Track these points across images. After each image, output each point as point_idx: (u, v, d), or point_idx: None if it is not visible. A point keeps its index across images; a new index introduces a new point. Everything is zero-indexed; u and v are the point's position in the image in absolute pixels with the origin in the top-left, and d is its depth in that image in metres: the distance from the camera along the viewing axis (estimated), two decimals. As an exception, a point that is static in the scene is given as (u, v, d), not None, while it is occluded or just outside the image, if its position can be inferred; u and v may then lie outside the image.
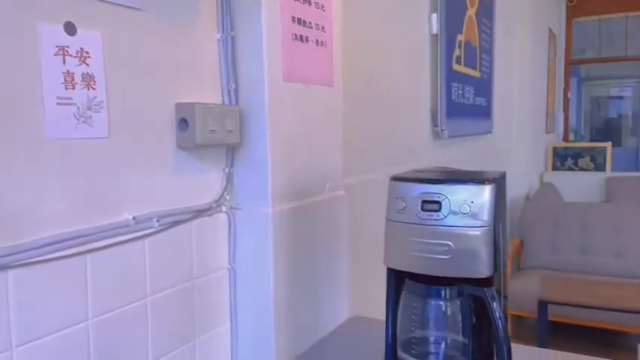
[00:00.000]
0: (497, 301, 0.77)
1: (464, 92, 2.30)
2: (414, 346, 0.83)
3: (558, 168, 5.75)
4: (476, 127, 2.57)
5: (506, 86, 3.56)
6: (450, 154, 2.30)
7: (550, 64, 5.78)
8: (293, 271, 0.94)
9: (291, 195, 0.93)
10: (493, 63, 2.85)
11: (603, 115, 12.17)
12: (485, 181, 0.79)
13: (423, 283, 0.82)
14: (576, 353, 0.97)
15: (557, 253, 3.35)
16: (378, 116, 1.62)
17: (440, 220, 0.78)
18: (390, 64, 1.67)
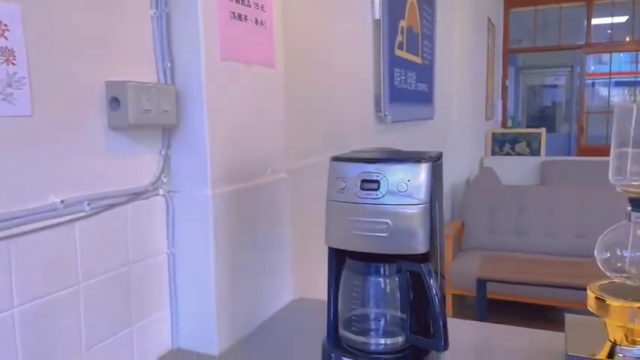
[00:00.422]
0: (433, 276, 0.79)
1: (406, 78, 2.34)
2: (355, 323, 0.85)
3: (497, 153, 5.99)
4: (418, 113, 2.62)
5: (447, 73, 3.65)
6: (394, 138, 2.34)
7: (489, 53, 5.99)
8: (234, 254, 0.93)
9: (231, 177, 0.92)
10: (434, 50, 2.91)
11: (539, 102, 12.75)
12: (421, 160, 0.80)
13: (363, 261, 0.83)
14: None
15: (496, 234, 3.51)
16: (322, 100, 1.62)
17: (378, 198, 0.79)
18: (333, 48, 1.67)
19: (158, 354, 0.87)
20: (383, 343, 0.83)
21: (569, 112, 9.76)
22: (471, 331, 1.05)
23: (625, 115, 0.75)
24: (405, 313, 0.82)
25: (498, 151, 5.97)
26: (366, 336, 0.84)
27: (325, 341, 0.86)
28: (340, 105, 1.74)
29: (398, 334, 0.82)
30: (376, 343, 0.83)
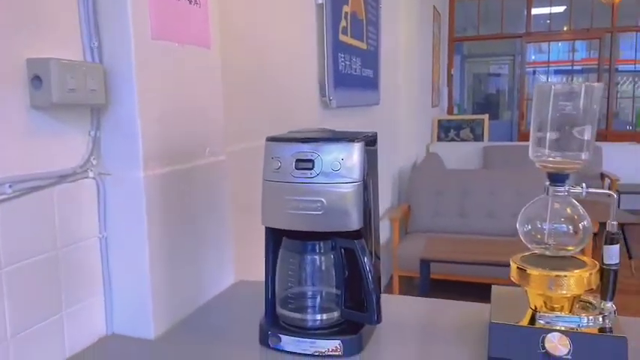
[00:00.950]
0: (366, 252, 0.81)
1: (351, 63, 2.36)
2: (292, 300, 0.86)
3: (443, 139, 6.16)
4: (364, 99, 2.65)
5: (393, 60, 3.70)
6: (340, 124, 2.36)
7: (435, 41, 6.11)
8: (170, 237, 0.91)
9: (165, 159, 0.90)
10: (380, 36, 2.95)
11: (484, 90, 13.16)
12: (355, 140, 0.82)
13: (299, 240, 0.84)
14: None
15: (440, 216, 3.62)
16: (265, 84, 1.61)
17: (313, 177, 0.80)
18: (275, 32, 1.66)
19: (92, 340, 0.85)
20: (319, 319, 0.84)
21: (511, 99, 10.13)
22: (408, 306, 1.09)
23: (544, 94, 0.79)
24: (340, 289, 0.84)
25: (444, 137, 6.13)
26: (303, 313, 0.85)
27: (263, 320, 0.86)
28: (284, 89, 1.74)
29: (334, 310, 0.84)
30: (312, 319, 0.84)
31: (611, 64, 6.98)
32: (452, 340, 0.86)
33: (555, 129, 0.78)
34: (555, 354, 0.72)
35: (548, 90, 0.79)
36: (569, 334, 0.73)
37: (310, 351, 0.81)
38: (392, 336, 0.90)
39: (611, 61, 6.97)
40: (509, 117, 10.48)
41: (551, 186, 0.80)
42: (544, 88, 0.79)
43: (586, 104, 0.77)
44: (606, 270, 0.79)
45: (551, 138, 0.79)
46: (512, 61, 10.66)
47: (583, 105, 0.77)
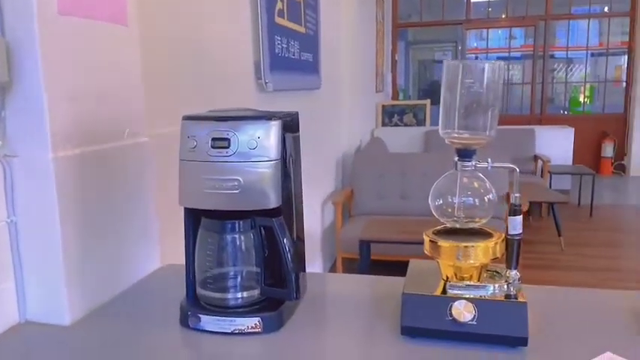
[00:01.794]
0: (285, 230, 0.82)
1: (288, 47, 2.35)
2: (213, 281, 0.86)
3: (387, 124, 6.26)
4: (303, 82, 2.65)
5: (335, 45, 3.72)
6: (278, 107, 2.35)
7: (378, 26, 6.17)
8: (87, 221, 0.89)
9: (78, 140, 0.87)
10: (319, 20, 2.95)
11: (429, 76, 13.45)
12: (272, 118, 0.82)
13: (218, 219, 0.84)
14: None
15: (382, 199, 3.69)
16: (197, 67, 1.58)
17: (229, 156, 0.80)
18: (206, 12, 1.63)
19: (2, 328, 0.82)
20: (240, 297, 0.85)
21: (451, 85, 10.38)
22: (337, 283, 1.11)
23: (453, 70, 0.82)
24: (260, 267, 0.85)
25: (388, 122, 6.24)
26: (223, 292, 0.85)
27: (183, 301, 0.86)
28: (218, 72, 1.71)
29: (255, 288, 0.85)
30: (233, 298, 0.85)
31: (545, 51, 7.30)
32: (373, 313, 0.89)
33: (463, 106, 0.82)
34: (461, 320, 0.76)
35: (456, 68, 0.82)
36: (475, 301, 0.77)
37: (230, 329, 0.81)
38: (315, 311, 0.91)
39: (545, 47, 7.29)
40: (453, 103, 10.70)
41: (459, 161, 0.83)
42: (452, 66, 0.82)
43: (490, 82, 0.80)
44: (510, 240, 0.83)
45: (459, 115, 0.82)
46: (454, 48, 10.93)
47: (488, 83, 0.80)
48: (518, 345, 0.75)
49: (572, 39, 7.88)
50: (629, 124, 6.96)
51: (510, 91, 8.40)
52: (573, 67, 8.46)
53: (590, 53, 7.93)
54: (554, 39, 8.14)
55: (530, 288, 0.95)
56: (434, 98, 12.38)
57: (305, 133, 3.24)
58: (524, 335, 0.74)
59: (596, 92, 7.88)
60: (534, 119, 7.21)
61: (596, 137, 7.08)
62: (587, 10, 7.51)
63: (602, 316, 0.87)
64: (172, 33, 1.44)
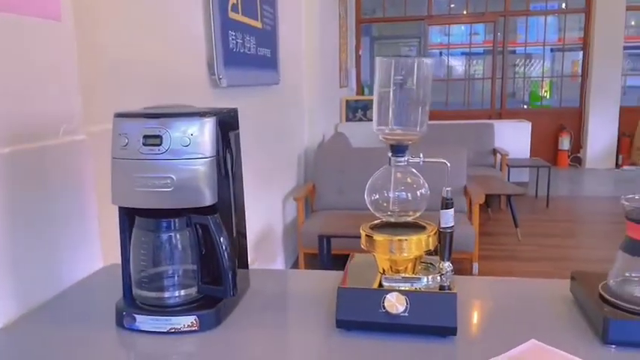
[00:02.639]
0: (221, 228, 0.82)
1: (244, 42, 2.33)
2: (150, 280, 0.85)
3: (351, 119, 6.30)
4: (260, 78, 2.64)
5: (295, 40, 3.71)
6: (233, 103, 2.34)
7: (341, 22, 6.19)
8: (18, 221, 0.87)
9: (8, 139, 0.85)
10: (277, 15, 2.93)
11: (396, 72, 13.55)
12: (205, 115, 0.82)
13: (153, 218, 0.83)
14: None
15: (344, 194, 3.72)
16: (143, 63, 1.55)
17: (161, 154, 0.79)
18: (156, 8, 1.60)
19: None
20: (177, 296, 0.84)
21: (418, 80, 10.52)
22: (279, 279, 1.12)
23: (385, 67, 0.83)
24: (196, 265, 0.84)
25: (352, 117, 6.28)
26: (160, 291, 0.85)
27: (119, 302, 0.85)
28: (166, 67, 1.69)
29: (193, 286, 0.85)
30: (170, 297, 0.84)
31: (504, 47, 7.47)
32: (312, 308, 0.90)
33: (395, 103, 0.83)
34: (393, 312, 0.77)
35: (388, 65, 0.83)
36: (407, 293, 0.79)
37: (166, 328, 0.81)
38: (256, 308, 0.92)
39: (504, 43, 7.46)
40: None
41: (392, 157, 0.85)
42: (384, 63, 0.83)
43: (421, 79, 0.82)
44: (443, 233, 0.86)
45: (392, 111, 0.83)
46: (419, 44, 11.06)
47: (418, 79, 0.82)
48: (448, 334, 0.77)
49: (533, 35, 8.09)
50: (584, 118, 7.20)
51: (472, 87, 8.57)
52: (533, 62, 8.68)
53: (549, 49, 8.15)
54: (516, 35, 8.33)
55: (465, 279, 0.98)
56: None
57: (263, 128, 3.24)
58: (453, 325, 0.77)
59: (555, 87, 8.12)
60: (495, 114, 7.38)
61: (553, 131, 7.29)
62: (545, 6, 7.71)
63: (531, 305, 0.90)
64: (117, 27, 1.42)
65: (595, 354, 0.73)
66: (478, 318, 0.84)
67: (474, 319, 0.83)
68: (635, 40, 7.99)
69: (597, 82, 6.97)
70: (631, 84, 8.07)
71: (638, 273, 0.78)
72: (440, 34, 9.47)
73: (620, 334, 0.73)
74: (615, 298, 0.78)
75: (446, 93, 8.17)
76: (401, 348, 0.76)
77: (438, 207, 0.85)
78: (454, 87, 8.35)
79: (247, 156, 2.81)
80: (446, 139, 5.40)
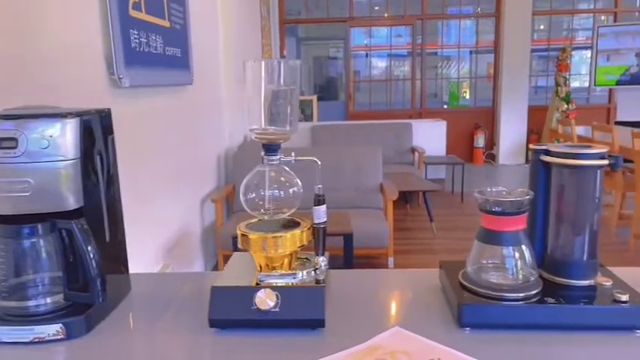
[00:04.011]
0: (86, 232, 0.79)
1: (149, 41, 2.27)
2: (14, 289, 0.81)
3: (276, 119, 6.29)
4: (169, 78, 2.58)
5: (210, 40, 3.66)
6: (141, 104, 2.27)
7: (263, 22, 6.17)
8: None
9: None
10: (187, 14, 2.88)
11: (325, 73, 13.73)
12: (67, 116, 0.79)
13: (14, 224, 0.79)
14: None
15: (264, 194, 3.71)
16: (28, 61, 1.47)
17: (17, 157, 0.76)
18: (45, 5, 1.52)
19: None
20: (43, 304, 0.81)
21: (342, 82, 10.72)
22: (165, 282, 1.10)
23: (254, 69, 0.84)
24: (62, 272, 0.81)
25: (277, 117, 6.27)
26: (24, 300, 0.81)
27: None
28: (57, 67, 1.61)
29: (60, 293, 0.82)
30: (35, 305, 0.81)
31: (422, 49, 7.77)
32: (191, 309, 0.89)
33: (266, 103, 0.84)
34: (264, 308, 0.79)
35: (257, 67, 0.84)
36: (277, 289, 0.80)
37: (29, 338, 0.77)
38: (133, 312, 0.90)
39: (422, 45, 7.76)
40: (345, 98, 11.09)
41: (265, 156, 0.86)
42: (254, 66, 0.84)
43: (289, 80, 0.84)
44: (316, 229, 0.88)
45: (263, 112, 0.85)
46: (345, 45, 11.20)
47: (286, 80, 0.84)
48: (317, 327, 0.80)
49: (453, 38, 8.46)
50: (496, 117, 7.63)
51: (395, 87, 8.84)
52: (453, 63, 9.07)
53: (468, 51, 8.55)
54: (437, 38, 8.67)
55: (341, 272, 1.02)
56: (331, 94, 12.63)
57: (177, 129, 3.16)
58: (321, 317, 0.79)
59: (472, 87, 8.54)
60: (415, 113, 7.66)
61: (469, 129, 7.68)
62: (459, 10, 8.10)
63: (403, 294, 0.95)
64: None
65: (451, 336, 0.78)
66: (349, 309, 0.87)
67: (344, 311, 0.86)
68: (543, 43, 8.56)
69: (508, 83, 7.42)
70: (541, 84, 8.64)
71: (491, 260, 0.85)
72: (365, 35, 9.67)
73: (473, 317, 0.79)
74: (472, 284, 0.83)
75: (369, 94, 8.38)
76: (272, 342, 0.78)
77: (342, 205, 0.88)
78: (378, 88, 8.58)
79: (158, 158, 2.74)
80: (368, 138, 5.54)
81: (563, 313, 0.78)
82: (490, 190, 0.84)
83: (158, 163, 2.49)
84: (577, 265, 0.84)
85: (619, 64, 6.61)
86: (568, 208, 0.84)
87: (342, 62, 12.44)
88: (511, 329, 0.78)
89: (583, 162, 0.81)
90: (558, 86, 7.04)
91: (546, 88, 8.03)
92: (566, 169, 0.83)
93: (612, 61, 6.65)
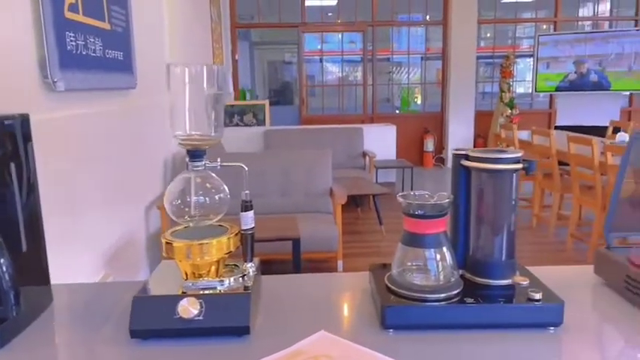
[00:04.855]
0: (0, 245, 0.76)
1: (87, 44, 2.20)
2: None
3: (228, 124, 6.24)
4: (110, 82, 2.51)
5: (156, 43, 3.59)
6: (79, 108, 2.20)
7: (213, 26, 6.11)
8: None
9: None
10: (130, 16, 2.81)
11: (280, 78, 13.71)
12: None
13: None
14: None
15: (213, 200, 3.66)
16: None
17: None
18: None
19: None
20: (-48, 320, 0.77)
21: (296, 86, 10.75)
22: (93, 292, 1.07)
23: (178, 75, 0.83)
24: (-28, 285, 0.78)
25: (229, 122, 6.22)
26: None
27: None
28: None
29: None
30: (-59, 322, 0.77)
31: (373, 55, 7.89)
32: (115, 319, 0.87)
33: (191, 109, 0.84)
34: (187, 316, 0.77)
35: (181, 72, 0.83)
36: (201, 297, 0.79)
37: None
38: (55, 324, 0.87)
39: (373, 52, 7.88)
40: (298, 103, 11.12)
41: (190, 162, 0.85)
42: (177, 71, 0.83)
43: (212, 85, 0.83)
44: (244, 235, 0.88)
45: (188, 117, 0.84)
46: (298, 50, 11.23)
47: (209, 85, 0.83)
48: (242, 334, 0.79)
49: (403, 44, 8.64)
50: (445, 122, 7.85)
51: (347, 92, 8.93)
52: (405, 69, 9.26)
53: (420, 57, 8.75)
54: (390, 44, 8.82)
55: (274, 278, 1.02)
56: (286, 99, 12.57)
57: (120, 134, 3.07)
58: (246, 324, 0.79)
59: (423, 93, 8.75)
60: (367, 118, 7.77)
61: (419, 134, 7.85)
62: (409, 18, 8.28)
63: (334, 298, 0.96)
64: None
65: (374, 339, 0.79)
66: (278, 314, 0.87)
67: (273, 316, 0.86)
68: (489, 50, 8.88)
69: (455, 89, 7.64)
70: (487, 90, 8.94)
71: (415, 262, 0.87)
72: (318, 41, 9.73)
73: (396, 318, 0.81)
74: (396, 286, 0.85)
75: (322, 98, 8.44)
76: (196, 351, 0.77)
77: (292, 209, 0.87)
78: (331, 93, 8.65)
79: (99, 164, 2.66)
80: (320, 143, 5.57)
81: (482, 313, 0.81)
82: (413, 194, 0.86)
83: (99, 169, 2.42)
84: (496, 265, 0.87)
85: (558, 72, 6.95)
86: (487, 211, 0.87)
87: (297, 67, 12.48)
88: (433, 329, 0.80)
89: (499, 166, 0.84)
90: (502, 92, 7.31)
91: (492, 94, 8.33)
92: (484, 173, 0.86)
93: (552, 69, 6.98)
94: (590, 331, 0.83)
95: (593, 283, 0.98)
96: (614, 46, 6.68)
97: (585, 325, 0.84)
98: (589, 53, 6.77)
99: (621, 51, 6.62)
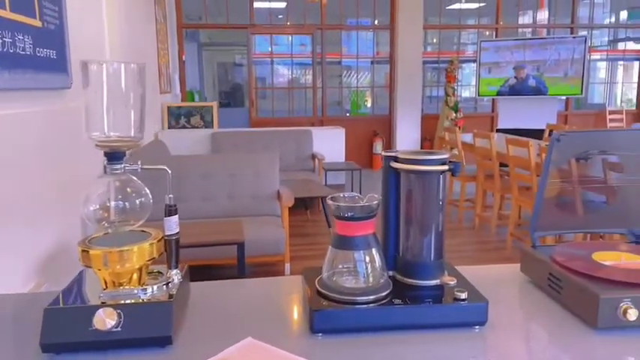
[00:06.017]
0: None
1: (15, 41, 2.08)
2: None
3: (174, 126, 6.09)
4: (41, 82, 2.38)
5: (96, 41, 3.45)
6: (7, 109, 2.07)
7: (159, 26, 5.95)
8: None
9: None
10: (64, 13, 2.68)
11: (231, 79, 13.53)
12: None
13: None
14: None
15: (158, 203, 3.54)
16: None
17: None
18: None
19: None
20: None
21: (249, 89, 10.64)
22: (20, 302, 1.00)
23: (95, 73, 0.79)
24: None
25: (175, 124, 6.07)
26: None
27: None
28: None
29: None
30: None
31: (322, 58, 7.92)
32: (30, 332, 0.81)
33: (108, 108, 0.79)
34: (103, 328, 0.73)
35: (99, 70, 0.79)
36: (119, 307, 0.75)
37: None
38: None
39: (322, 55, 7.91)
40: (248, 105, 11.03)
41: (108, 165, 0.81)
42: (94, 69, 0.79)
43: (131, 84, 0.79)
44: (168, 240, 0.84)
45: (106, 117, 0.80)
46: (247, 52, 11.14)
47: (128, 85, 0.79)
48: (165, 344, 0.76)
49: (352, 48, 8.72)
50: (392, 125, 7.98)
51: (298, 95, 8.93)
52: (355, 73, 9.35)
53: (370, 61, 8.85)
54: (341, 47, 8.88)
55: (204, 284, 0.98)
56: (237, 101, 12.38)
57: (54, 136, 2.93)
58: (169, 334, 0.75)
59: (373, 96, 8.86)
60: (317, 121, 7.78)
61: (369, 136, 7.95)
62: (357, 22, 8.37)
63: (264, 303, 0.94)
64: None
65: (304, 344, 0.77)
66: (205, 322, 0.84)
67: (200, 325, 0.83)
68: (434, 55, 9.10)
69: (403, 93, 7.78)
70: (434, 94, 9.16)
71: (345, 265, 0.86)
72: (268, 43, 9.67)
73: (325, 322, 0.79)
74: (327, 290, 0.84)
75: (271, 101, 8.40)
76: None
77: (239, 212, 0.84)
78: (282, 95, 8.61)
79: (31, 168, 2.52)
80: (269, 145, 5.53)
81: (410, 313, 0.81)
82: (343, 196, 0.85)
83: (30, 174, 2.29)
84: (424, 265, 0.87)
85: (499, 77, 7.21)
86: (415, 211, 0.88)
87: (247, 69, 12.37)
88: (362, 332, 0.80)
89: (426, 167, 0.85)
90: (447, 96, 7.51)
91: (439, 97, 8.55)
92: (412, 174, 0.86)
93: (493, 74, 7.23)
94: (514, 328, 0.84)
95: (520, 282, 1.01)
96: (551, 52, 6.99)
97: (510, 322, 0.85)
98: (528, 59, 7.06)
99: (558, 57, 6.94)
